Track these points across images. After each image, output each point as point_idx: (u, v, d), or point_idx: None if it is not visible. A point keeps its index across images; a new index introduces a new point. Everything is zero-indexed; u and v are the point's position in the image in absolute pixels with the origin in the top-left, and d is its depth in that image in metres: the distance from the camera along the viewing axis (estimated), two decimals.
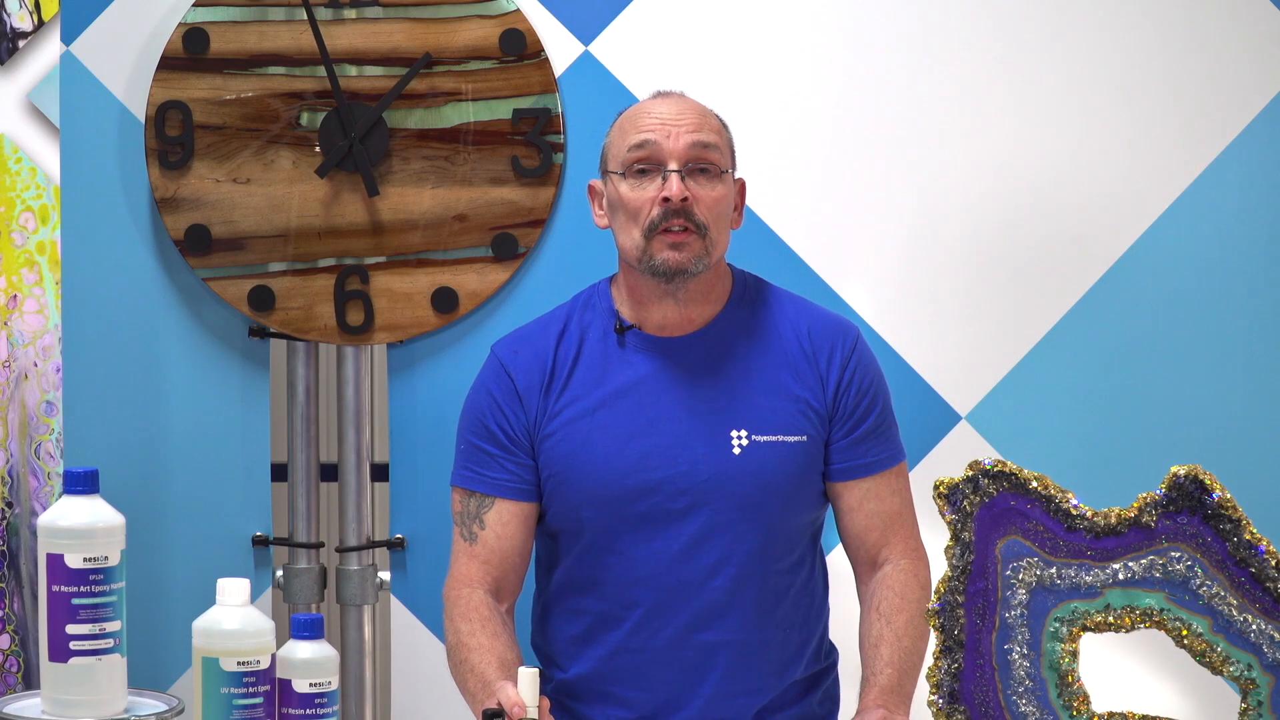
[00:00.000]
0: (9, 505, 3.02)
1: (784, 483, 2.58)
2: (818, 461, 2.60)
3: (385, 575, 3.15)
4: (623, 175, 2.56)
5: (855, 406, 2.61)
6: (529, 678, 2.26)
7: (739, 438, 2.58)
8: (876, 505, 2.61)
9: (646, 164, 2.55)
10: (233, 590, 2.24)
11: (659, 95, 2.64)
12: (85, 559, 2.19)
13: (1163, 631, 2.32)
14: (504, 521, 2.61)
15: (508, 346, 2.68)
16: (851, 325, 2.68)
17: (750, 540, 2.57)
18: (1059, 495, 2.34)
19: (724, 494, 2.56)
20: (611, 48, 3.07)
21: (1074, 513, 2.34)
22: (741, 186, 2.65)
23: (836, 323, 2.67)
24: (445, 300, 3.08)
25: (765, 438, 2.58)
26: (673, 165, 2.53)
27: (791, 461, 2.58)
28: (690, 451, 2.57)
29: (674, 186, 2.52)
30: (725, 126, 2.62)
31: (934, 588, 2.36)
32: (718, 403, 2.59)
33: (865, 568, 2.63)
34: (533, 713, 2.26)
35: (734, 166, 2.61)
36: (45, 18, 3.03)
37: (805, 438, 2.59)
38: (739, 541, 2.56)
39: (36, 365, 3.03)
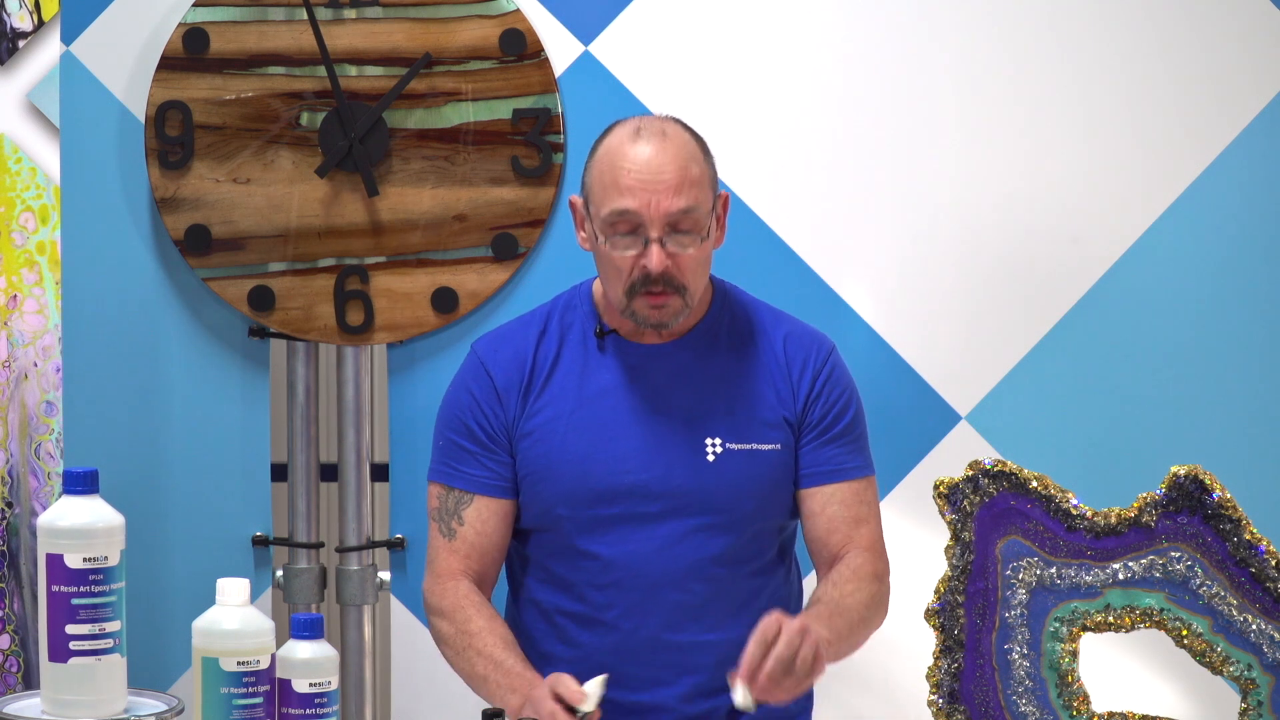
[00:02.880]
0: (9, 505, 3.01)
1: (757, 489, 2.59)
2: (791, 470, 2.62)
3: (385, 575, 3.15)
4: (603, 230, 2.53)
5: (823, 416, 2.62)
6: (598, 684, 2.35)
7: (713, 445, 2.58)
8: (841, 510, 2.61)
9: (626, 228, 2.51)
10: (233, 590, 2.23)
11: (639, 137, 2.52)
12: (85, 559, 2.19)
13: (1163, 631, 2.33)
14: (483, 519, 2.62)
15: (488, 345, 2.69)
16: (827, 339, 2.68)
17: (722, 545, 2.58)
18: (1059, 495, 2.34)
19: (697, 499, 2.57)
20: (611, 48, 3.07)
21: (1074, 513, 2.34)
22: (725, 201, 2.61)
23: (812, 335, 2.67)
24: (445, 300, 3.08)
25: (739, 445, 2.59)
26: (653, 234, 2.49)
27: (765, 469, 2.59)
28: (665, 456, 2.57)
29: (654, 259, 2.49)
30: (706, 157, 2.55)
31: (934, 588, 2.36)
32: (694, 409, 2.59)
33: (826, 569, 2.62)
34: (591, 705, 2.32)
35: (715, 197, 2.56)
36: (45, 18, 3.03)
37: (779, 446, 2.60)
38: (710, 546, 2.57)
39: (36, 365, 3.02)
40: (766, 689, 2.32)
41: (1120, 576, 2.32)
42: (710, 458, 2.58)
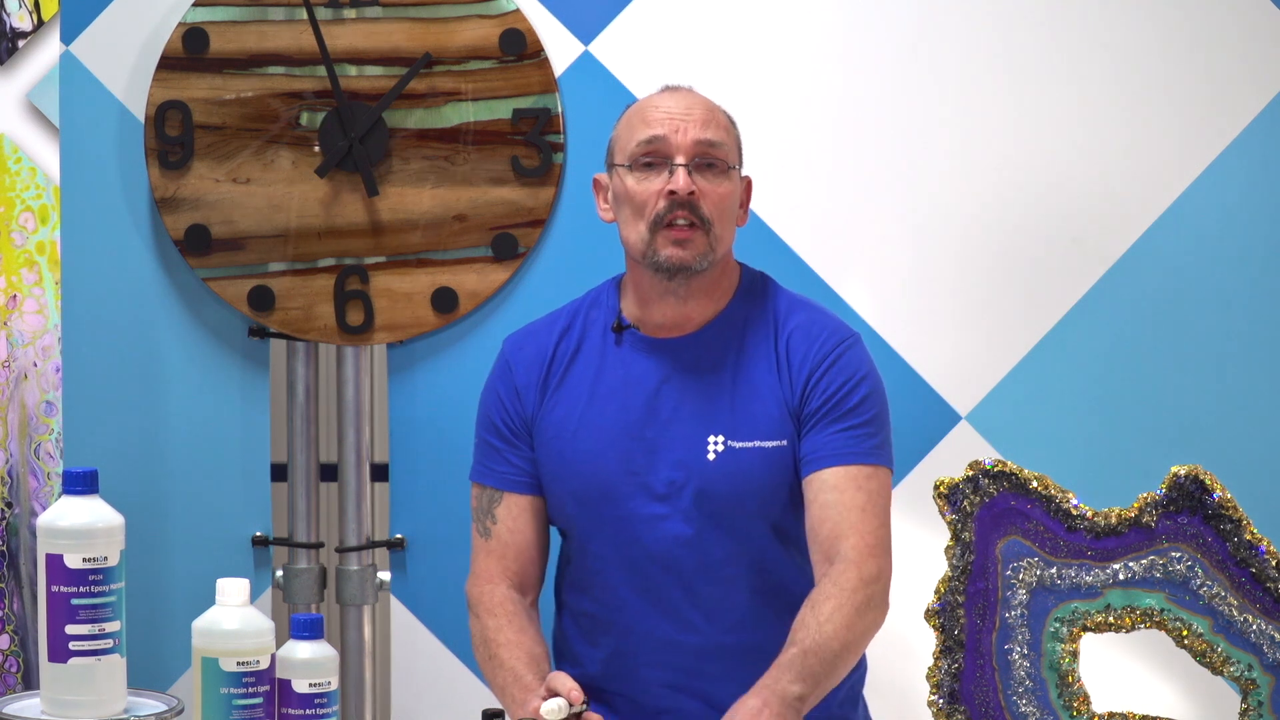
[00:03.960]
0: (9, 505, 3.01)
1: (760, 488, 2.54)
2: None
3: (385, 575, 3.15)
4: (629, 168, 2.54)
5: (821, 405, 2.53)
6: (560, 706, 2.36)
7: (715, 443, 2.54)
8: (835, 497, 2.49)
9: (653, 158, 2.53)
10: (232, 590, 2.23)
11: (667, 90, 2.61)
12: (85, 559, 2.19)
13: (1163, 632, 2.33)
14: (514, 516, 2.61)
15: (515, 341, 2.67)
16: (841, 330, 2.60)
17: (728, 547, 2.54)
18: (1059, 495, 2.34)
19: (698, 500, 2.53)
20: (611, 48, 3.07)
21: (1074, 513, 2.34)
22: (748, 184, 2.63)
23: (822, 327, 2.60)
24: (445, 300, 3.08)
25: (742, 443, 2.53)
26: (680, 159, 2.52)
27: (769, 466, 2.53)
28: (669, 456, 2.54)
29: (680, 180, 2.51)
30: (733, 123, 2.61)
31: (934, 588, 2.36)
32: (700, 407, 2.56)
33: (820, 564, 2.50)
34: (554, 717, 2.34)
35: (741, 164, 2.60)
36: (45, 18, 3.03)
37: (784, 443, 2.54)
38: (716, 549, 2.54)
39: (36, 365, 3.02)
40: None
41: (1120, 577, 2.32)
42: (711, 456, 2.55)
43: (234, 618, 2.22)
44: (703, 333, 2.59)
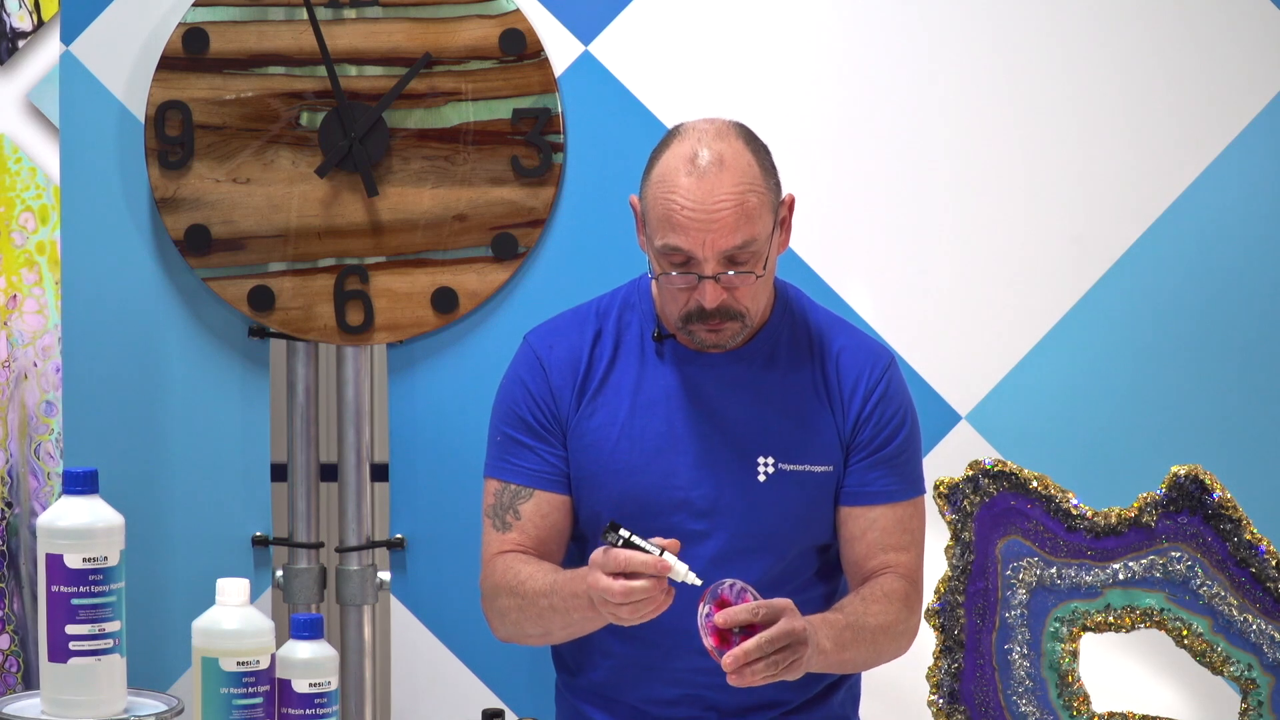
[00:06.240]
0: (9, 505, 3.01)
1: (806, 512, 2.54)
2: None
3: (385, 575, 3.15)
4: (657, 257, 2.45)
5: (874, 437, 2.55)
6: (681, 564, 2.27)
7: (765, 464, 2.52)
8: (881, 536, 2.54)
9: (679, 264, 2.43)
10: (232, 590, 2.24)
11: (694, 166, 2.42)
12: (85, 559, 2.19)
13: (1163, 631, 2.33)
14: (542, 513, 2.55)
15: (542, 339, 2.62)
16: (884, 354, 2.60)
17: (764, 566, 2.52)
18: (1059, 495, 2.34)
19: (744, 521, 2.52)
20: (611, 48, 3.07)
21: (1074, 513, 2.34)
22: (790, 203, 2.53)
23: (868, 350, 2.59)
24: (445, 300, 3.08)
25: (792, 466, 2.52)
26: (707, 270, 2.41)
27: (816, 491, 2.54)
28: (715, 474, 2.52)
29: (708, 297, 2.42)
30: (766, 176, 2.46)
31: (934, 588, 2.36)
32: (748, 425, 2.53)
33: (858, 586, 2.56)
34: (689, 576, 2.26)
35: (776, 212, 2.48)
36: (45, 18, 3.03)
37: (831, 468, 2.54)
38: (753, 568, 2.51)
39: (36, 365, 3.02)
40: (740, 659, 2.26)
41: (1120, 576, 2.32)
42: (761, 478, 2.52)
43: (234, 618, 2.22)
44: (745, 350, 2.56)
